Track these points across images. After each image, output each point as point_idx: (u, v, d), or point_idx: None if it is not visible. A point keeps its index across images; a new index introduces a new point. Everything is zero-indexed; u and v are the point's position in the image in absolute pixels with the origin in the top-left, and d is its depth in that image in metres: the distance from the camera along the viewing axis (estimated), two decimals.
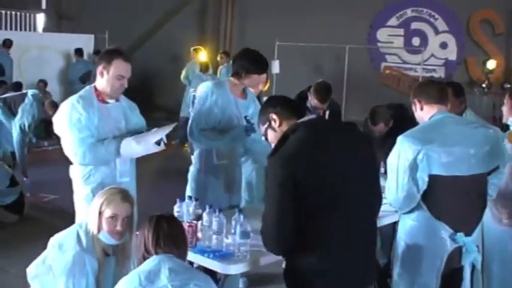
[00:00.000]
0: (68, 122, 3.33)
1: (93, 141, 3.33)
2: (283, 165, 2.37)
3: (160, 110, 12.99)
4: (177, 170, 5.62)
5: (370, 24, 13.25)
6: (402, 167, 2.78)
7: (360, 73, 12.96)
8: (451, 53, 13.10)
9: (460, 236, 2.77)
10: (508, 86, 12.50)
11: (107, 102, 3.46)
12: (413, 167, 2.77)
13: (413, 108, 3.06)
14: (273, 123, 2.59)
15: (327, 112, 4.67)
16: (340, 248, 2.42)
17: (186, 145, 7.37)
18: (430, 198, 2.79)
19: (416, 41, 13.15)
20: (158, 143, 3.41)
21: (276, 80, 12.51)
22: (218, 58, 11.05)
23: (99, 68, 3.41)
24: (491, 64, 12.26)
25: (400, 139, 2.85)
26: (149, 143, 3.38)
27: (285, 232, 2.39)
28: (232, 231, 2.96)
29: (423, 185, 2.77)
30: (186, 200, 3.32)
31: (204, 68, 9.85)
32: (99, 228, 2.74)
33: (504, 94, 10.00)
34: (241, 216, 2.94)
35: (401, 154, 2.80)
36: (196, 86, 9.43)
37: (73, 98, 3.41)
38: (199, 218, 3.15)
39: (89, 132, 3.33)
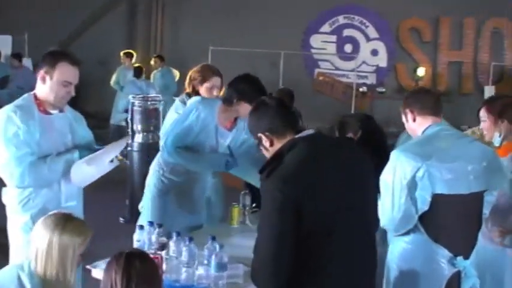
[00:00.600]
0: (3, 137, 2.86)
1: (34, 160, 2.88)
2: (282, 188, 2.09)
3: (89, 117, 12.20)
4: (115, 181, 5.17)
5: (303, 30, 13.18)
6: (399, 185, 2.55)
7: (295, 79, 12.82)
8: (382, 60, 13.27)
9: (460, 260, 2.57)
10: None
11: (50, 113, 3.01)
12: (412, 185, 2.54)
13: (404, 118, 2.84)
14: (263, 142, 2.27)
15: None
16: (340, 277, 2.19)
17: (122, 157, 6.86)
18: (428, 219, 2.57)
19: (348, 48, 13.22)
20: (111, 160, 2.99)
21: None
22: (152, 62, 10.58)
23: (41, 73, 2.95)
24: (421, 71, 12.51)
25: (395, 154, 2.61)
26: (103, 163, 2.95)
27: (284, 264, 2.11)
28: (205, 262, 2.61)
29: (423, 205, 2.55)
30: (146, 226, 2.92)
31: (138, 73, 9.33)
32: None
33: None
34: (216, 246, 2.59)
35: (398, 170, 2.56)
36: (130, 92, 9.00)
37: (8, 108, 2.94)
38: (163, 247, 2.77)
39: (28, 148, 2.87)
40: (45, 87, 2.96)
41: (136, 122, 6.20)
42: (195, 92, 3.88)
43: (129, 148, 6.11)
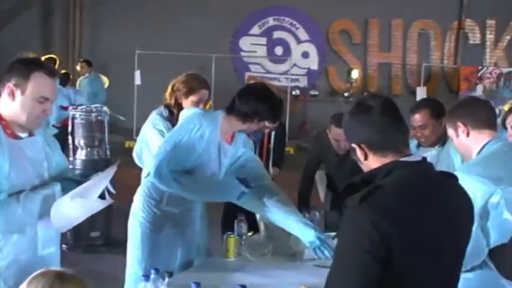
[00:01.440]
0: None
1: (3, 199, 2.20)
2: (378, 222, 1.60)
3: None
4: None
5: (232, 33, 12.72)
6: None
7: (226, 83, 12.35)
8: (313, 63, 13.10)
9: None
10: (366, 93, 12.87)
11: (20, 137, 2.33)
12: (484, 214, 2.12)
13: (452, 133, 2.42)
14: (358, 153, 1.78)
15: (273, 133, 3.90)
16: None
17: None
18: (498, 252, 2.17)
19: (279, 50, 12.93)
20: (102, 195, 2.36)
21: (138, 91, 11.46)
22: (78, 68, 9.66)
23: (8, 86, 2.28)
24: (355, 73, 12.44)
25: (461, 177, 2.18)
26: (91, 200, 2.31)
27: None
28: None
29: (498, 236, 2.14)
30: (152, 275, 2.32)
31: (65, 81, 8.45)
32: None
33: None
34: None
35: None
36: (57, 102, 8.11)
37: None
38: None
39: None
40: (14, 104, 2.29)
41: (78, 137, 5.46)
42: (178, 105, 3.30)
43: (70, 166, 5.35)
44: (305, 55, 13.03)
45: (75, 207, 2.29)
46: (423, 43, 13.01)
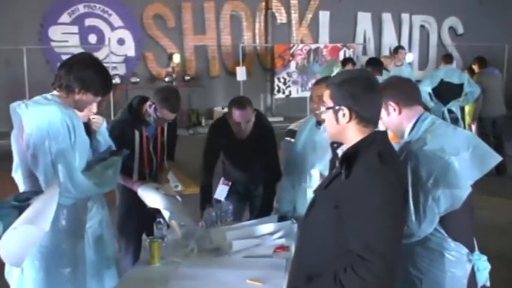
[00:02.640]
0: None
1: None
2: (398, 177, 2.06)
3: None
4: None
5: (40, 22, 11.75)
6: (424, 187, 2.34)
7: (39, 76, 11.44)
8: (130, 49, 12.73)
9: (476, 254, 2.46)
10: (188, 77, 12.94)
11: None
12: (435, 184, 2.32)
13: (385, 112, 2.56)
14: (341, 116, 2.11)
15: (165, 129, 3.72)
16: None
17: None
18: (447, 216, 2.38)
19: (93, 39, 12.31)
20: None
21: None
22: None
23: None
24: (176, 58, 12.37)
25: (418, 153, 2.34)
26: (45, 227, 2.01)
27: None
28: None
29: (449, 204, 2.34)
30: None
31: None
32: None
33: (187, 86, 9.94)
34: None
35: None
36: None
37: None
38: None
39: None
40: None
41: None
42: None
43: None
44: (121, 42, 12.59)
45: (25, 236, 1.97)
46: (236, 24, 13.42)
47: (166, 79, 12.61)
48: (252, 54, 13.63)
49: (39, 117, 2.57)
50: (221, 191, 3.94)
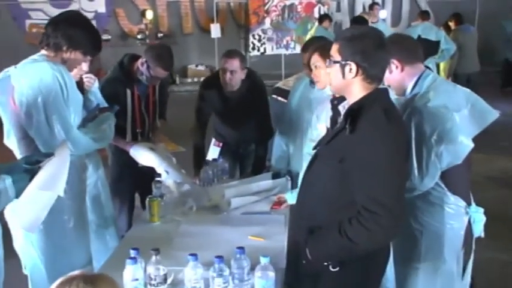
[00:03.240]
0: None
1: None
2: (403, 132, 2.16)
3: None
4: None
5: None
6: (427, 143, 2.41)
7: (6, 35, 11.10)
8: (100, 6, 12.37)
9: (473, 207, 2.55)
10: (161, 34, 12.70)
11: None
12: (439, 140, 2.38)
13: (387, 70, 2.58)
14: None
15: (157, 87, 3.68)
16: None
17: None
18: (448, 171, 2.45)
19: None
20: None
21: None
22: None
23: None
24: (149, 14, 12.10)
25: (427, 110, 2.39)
26: (59, 191, 2.02)
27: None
28: None
29: (451, 158, 2.41)
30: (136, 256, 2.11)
31: None
32: None
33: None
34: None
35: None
36: None
37: None
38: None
39: None
40: None
41: None
42: None
43: None
44: None
45: (40, 201, 1.95)
46: None
47: (139, 36, 12.37)
48: (226, 10, 13.40)
49: (29, 75, 2.53)
50: (213, 152, 3.95)
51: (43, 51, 2.67)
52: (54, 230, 2.62)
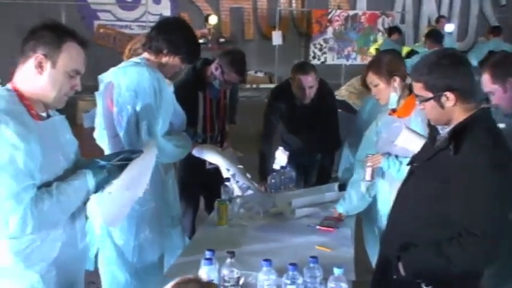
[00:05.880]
0: None
1: (35, 194, 1.87)
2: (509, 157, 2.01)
3: None
4: None
5: None
6: None
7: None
8: (165, 9, 12.63)
9: None
10: (223, 40, 12.85)
11: (43, 118, 1.98)
12: None
13: (501, 89, 2.54)
14: (444, 101, 2.07)
15: (228, 92, 3.74)
16: None
17: None
18: None
19: None
20: None
21: None
22: None
23: (37, 57, 1.91)
24: (213, 19, 12.27)
25: None
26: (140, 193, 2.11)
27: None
28: None
29: None
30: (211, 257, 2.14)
31: None
32: None
33: (221, 49, 9.67)
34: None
35: None
36: None
37: None
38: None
39: (30, 179, 1.86)
40: (41, 78, 1.93)
41: None
42: None
43: None
44: (156, 1, 12.50)
45: (120, 200, 2.03)
46: None
47: (201, 41, 12.53)
48: (288, 18, 13.44)
49: (129, 77, 2.62)
50: (280, 160, 3.96)
51: (145, 54, 2.76)
52: (130, 236, 2.72)
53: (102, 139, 2.83)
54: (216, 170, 3.43)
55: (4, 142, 1.79)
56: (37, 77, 1.93)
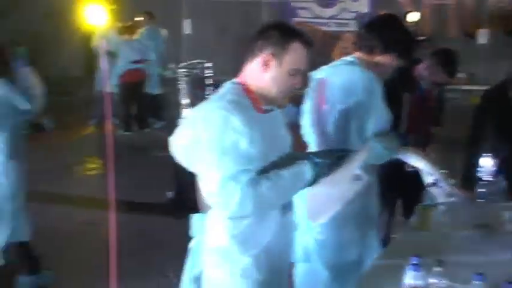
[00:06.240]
0: (217, 147, 1.96)
1: (253, 177, 1.99)
2: None
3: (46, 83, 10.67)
4: None
5: None
6: None
7: None
8: (363, 6, 12.54)
9: None
10: (422, 37, 12.36)
11: (266, 111, 2.13)
12: None
13: None
14: None
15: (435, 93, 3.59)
16: None
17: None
18: None
19: None
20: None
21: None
22: (138, 19, 9.05)
23: (264, 56, 2.02)
24: (415, 16, 11.90)
25: None
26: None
27: None
28: None
29: None
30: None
31: (132, 33, 8.07)
32: None
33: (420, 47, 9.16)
34: None
35: None
36: (129, 56, 7.81)
37: (221, 106, 2.01)
38: None
39: (249, 164, 1.99)
40: (266, 76, 2.05)
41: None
42: None
43: None
44: None
45: (328, 196, 2.06)
46: None
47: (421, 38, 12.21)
48: (495, 16, 12.49)
49: (342, 76, 2.65)
50: (486, 168, 3.68)
51: (357, 54, 2.76)
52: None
53: (308, 135, 2.89)
54: (416, 173, 3.31)
55: (229, 128, 1.93)
56: (262, 74, 2.06)
